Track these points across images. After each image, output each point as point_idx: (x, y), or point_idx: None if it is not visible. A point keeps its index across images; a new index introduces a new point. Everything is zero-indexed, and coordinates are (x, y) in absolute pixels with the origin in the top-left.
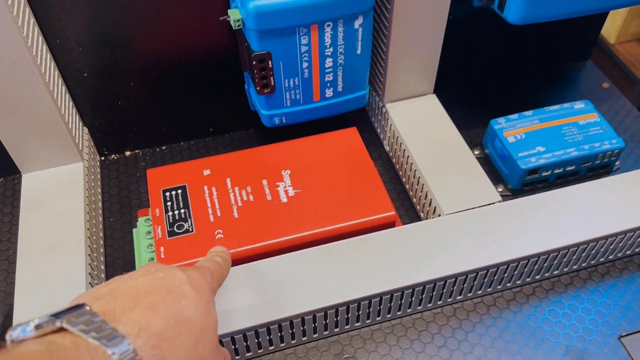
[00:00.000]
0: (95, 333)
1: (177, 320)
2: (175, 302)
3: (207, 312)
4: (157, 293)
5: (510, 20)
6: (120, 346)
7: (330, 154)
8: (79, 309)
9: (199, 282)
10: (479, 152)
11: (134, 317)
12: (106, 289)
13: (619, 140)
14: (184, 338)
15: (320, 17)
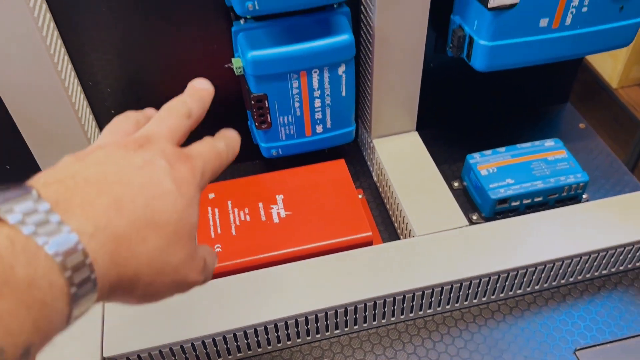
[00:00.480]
0: (36, 227)
1: (146, 222)
2: (148, 200)
3: (185, 215)
4: (128, 186)
5: (477, 68)
6: (66, 245)
7: (319, 182)
8: (23, 193)
9: (184, 179)
10: (459, 184)
11: (93, 212)
12: (68, 170)
13: (584, 174)
14: (152, 244)
15: (307, 65)
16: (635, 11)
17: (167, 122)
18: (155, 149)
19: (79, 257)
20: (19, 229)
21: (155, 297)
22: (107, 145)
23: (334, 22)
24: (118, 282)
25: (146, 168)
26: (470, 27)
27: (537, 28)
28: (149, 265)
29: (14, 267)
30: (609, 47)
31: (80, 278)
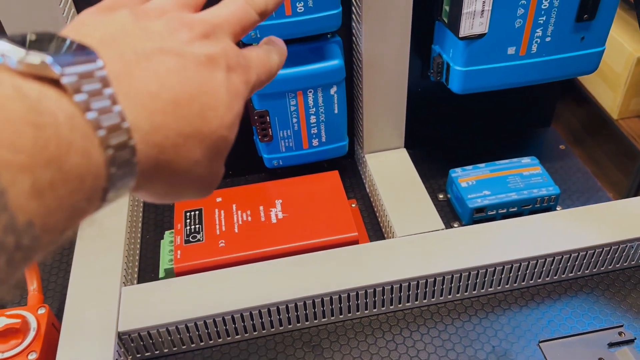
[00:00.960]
0: (98, 114)
1: (194, 132)
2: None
3: (229, 132)
4: (188, 84)
5: (454, 90)
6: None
7: (314, 189)
8: (91, 63)
9: (237, 92)
10: (443, 196)
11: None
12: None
13: (555, 187)
14: (191, 156)
15: (303, 86)
16: (596, 41)
17: (239, 14)
18: (220, 46)
19: (127, 154)
20: (83, 112)
21: (170, 199)
22: (170, 12)
23: (327, 50)
24: (149, 182)
25: (208, 67)
26: (447, 54)
27: (505, 55)
28: (183, 175)
29: (70, 148)
30: (575, 73)
31: (121, 174)
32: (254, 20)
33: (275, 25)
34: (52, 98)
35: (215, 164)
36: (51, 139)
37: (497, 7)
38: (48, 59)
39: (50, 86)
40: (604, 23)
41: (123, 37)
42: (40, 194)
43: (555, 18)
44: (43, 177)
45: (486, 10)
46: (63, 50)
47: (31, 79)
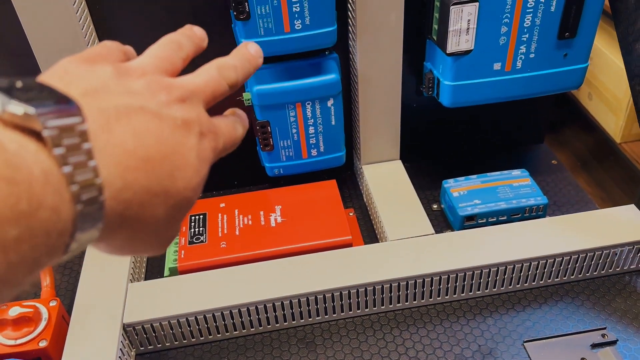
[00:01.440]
0: (73, 168)
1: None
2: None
3: (195, 194)
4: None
5: (444, 104)
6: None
7: (313, 197)
8: (73, 117)
9: (205, 156)
10: (437, 206)
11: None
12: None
13: (543, 198)
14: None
15: (302, 98)
16: (579, 58)
17: (212, 85)
18: (195, 112)
19: (95, 209)
20: (60, 166)
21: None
22: (150, 75)
23: (324, 65)
24: (110, 235)
25: (182, 130)
26: (438, 70)
27: (492, 71)
28: (141, 231)
29: (40, 205)
30: (559, 88)
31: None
32: (224, 91)
33: (274, 41)
34: (31, 151)
35: (174, 224)
36: (23, 195)
37: (482, 25)
38: (31, 111)
39: (31, 138)
40: (585, 40)
41: (105, 92)
42: (3, 250)
43: (538, 35)
44: (9, 233)
45: (471, 27)
46: (46, 102)
47: (12, 127)
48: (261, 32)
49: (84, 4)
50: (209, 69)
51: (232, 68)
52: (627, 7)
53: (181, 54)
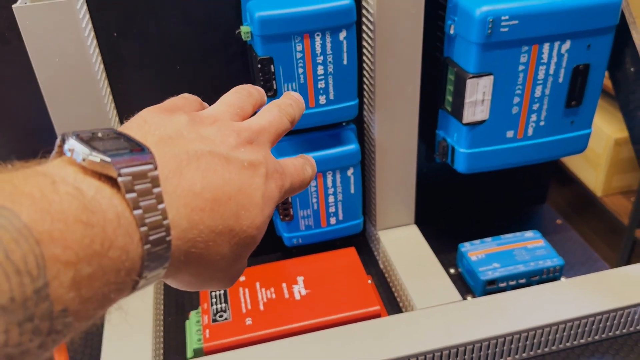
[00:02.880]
0: (144, 211)
1: (226, 230)
2: (238, 208)
3: (259, 232)
4: (228, 185)
5: (459, 170)
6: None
7: (334, 266)
8: (145, 165)
9: (271, 196)
10: (454, 271)
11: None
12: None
13: (559, 259)
14: (222, 252)
15: (323, 168)
16: (583, 124)
17: (275, 123)
18: (261, 154)
19: (162, 249)
20: (132, 209)
21: (193, 289)
22: (221, 121)
23: (343, 136)
24: (176, 273)
25: (248, 171)
26: (452, 138)
27: (505, 138)
28: (208, 268)
29: (112, 245)
30: (566, 153)
31: (155, 267)
32: (286, 127)
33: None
34: (106, 195)
35: (240, 260)
36: (97, 236)
37: (496, 96)
38: (107, 159)
39: (107, 183)
40: (589, 108)
41: (179, 138)
42: (78, 286)
43: (548, 104)
44: (84, 271)
45: (486, 99)
46: (122, 150)
47: (91, 174)
48: None
49: (106, 85)
50: (270, 109)
51: (289, 105)
52: (627, 77)
53: (251, 100)
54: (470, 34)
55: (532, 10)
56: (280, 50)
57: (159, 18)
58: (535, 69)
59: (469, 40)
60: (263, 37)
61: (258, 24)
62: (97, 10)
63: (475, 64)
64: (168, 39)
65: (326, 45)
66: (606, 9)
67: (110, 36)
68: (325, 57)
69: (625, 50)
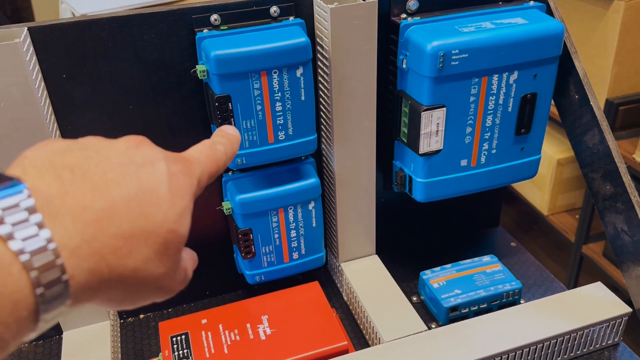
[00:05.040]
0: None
1: (137, 232)
2: (142, 207)
3: (176, 226)
4: (125, 187)
5: (418, 199)
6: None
7: (298, 302)
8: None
9: (180, 187)
10: (417, 299)
11: (84, 218)
12: (65, 157)
13: (517, 282)
14: (139, 255)
15: (285, 203)
16: (533, 150)
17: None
18: (156, 150)
19: (55, 273)
20: (6, 242)
21: (136, 302)
22: (105, 139)
23: (303, 170)
24: (95, 292)
25: (146, 168)
26: (409, 169)
27: (459, 167)
28: (134, 276)
29: None
30: (519, 178)
31: (51, 294)
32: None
33: (258, 152)
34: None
35: (169, 260)
36: None
37: (449, 127)
38: None
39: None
40: (538, 134)
41: (61, 159)
42: None
43: (498, 133)
44: None
45: (440, 130)
46: None
47: None
48: (246, 145)
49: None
50: None
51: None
52: (572, 103)
53: None
54: (422, 68)
55: (481, 44)
56: (237, 88)
57: (110, 58)
58: (486, 100)
59: (422, 74)
60: (220, 76)
61: (214, 62)
62: (44, 52)
63: (429, 96)
64: (120, 80)
65: (284, 82)
66: (550, 40)
67: (59, 78)
68: (283, 94)
69: (568, 78)
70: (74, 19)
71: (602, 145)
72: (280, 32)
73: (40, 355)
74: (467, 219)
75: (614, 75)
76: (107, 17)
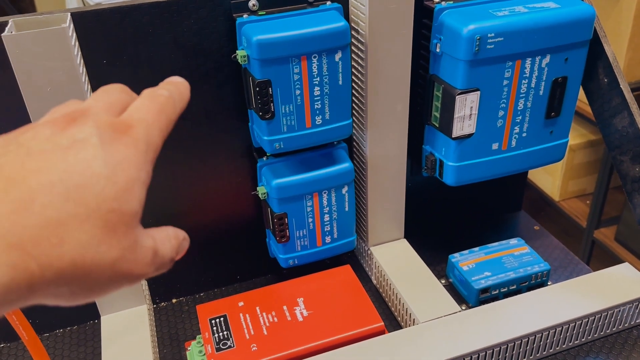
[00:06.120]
0: None
1: (65, 218)
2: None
3: (119, 203)
4: (47, 174)
5: (448, 183)
6: None
7: (332, 285)
8: None
9: (121, 159)
10: (445, 282)
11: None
12: None
13: (545, 264)
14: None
15: (318, 188)
16: (562, 134)
17: (104, 97)
18: (88, 124)
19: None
20: None
21: (90, 296)
22: (37, 125)
23: (335, 155)
24: (31, 291)
25: (73, 149)
26: (440, 153)
27: (490, 150)
28: (75, 266)
29: None
30: (547, 162)
31: None
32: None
33: (296, 136)
34: None
35: (119, 243)
36: None
37: (482, 110)
38: None
39: None
40: (567, 118)
41: None
42: None
43: (529, 116)
44: None
45: (473, 114)
46: None
47: None
48: (284, 130)
49: None
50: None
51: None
52: (601, 87)
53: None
54: (457, 52)
55: (516, 27)
56: (278, 73)
57: (149, 44)
58: (518, 83)
59: (456, 57)
60: (261, 61)
61: (256, 47)
62: (85, 38)
63: (463, 80)
64: (159, 65)
65: (322, 67)
66: (582, 24)
67: (99, 64)
68: (322, 79)
69: (597, 62)
70: (115, 4)
71: (631, 127)
72: (319, 16)
73: (76, 340)
74: (491, 203)
75: (627, 60)
76: (148, 2)
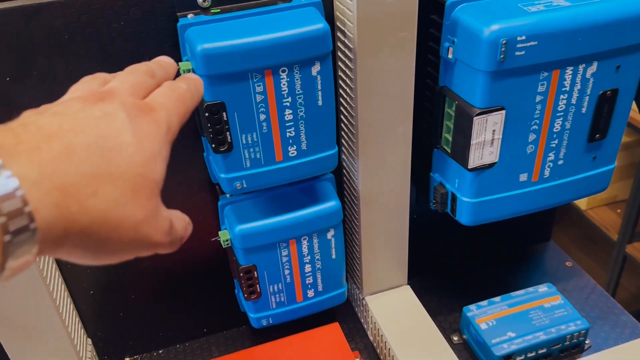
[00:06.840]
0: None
1: (99, 173)
2: (103, 151)
3: (145, 170)
4: (82, 134)
5: (463, 223)
6: (3, 190)
7: (316, 349)
8: None
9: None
10: (458, 338)
11: (40, 157)
12: (22, 120)
13: (583, 321)
14: (107, 197)
15: (297, 234)
16: (607, 160)
17: (129, 79)
18: (116, 102)
19: (17, 203)
20: None
21: (112, 255)
22: (68, 99)
23: (319, 189)
24: (65, 235)
25: (104, 119)
26: (452, 185)
27: (517, 182)
28: (104, 220)
29: None
30: (588, 193)
31: (17, 226)
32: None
33: (263, 173)
34: None
35: (144, 206)
36: None
37: (508, 134)
38: None
39: None
40: (614, 140)
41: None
42: None
43: (568, 140)
44: None
45: (496, 138)
46: None
47: None
48: (247, 165)
49: None
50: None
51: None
52: None
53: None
54: (476, 60)
55: (554, 28)
56: (233, 92)
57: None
58: (555, 99)
59: (475, 67)
60: (210, 77)
61: (202, 59)
62: None
63: (484, 96)
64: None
65: (295, 84)
66: (638, 22)
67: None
68: (294, 98)
69: None
70: (16, 4)
71: None
72: (291, 15)
73: None
74: (515, 233)
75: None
76: (60, 1)
